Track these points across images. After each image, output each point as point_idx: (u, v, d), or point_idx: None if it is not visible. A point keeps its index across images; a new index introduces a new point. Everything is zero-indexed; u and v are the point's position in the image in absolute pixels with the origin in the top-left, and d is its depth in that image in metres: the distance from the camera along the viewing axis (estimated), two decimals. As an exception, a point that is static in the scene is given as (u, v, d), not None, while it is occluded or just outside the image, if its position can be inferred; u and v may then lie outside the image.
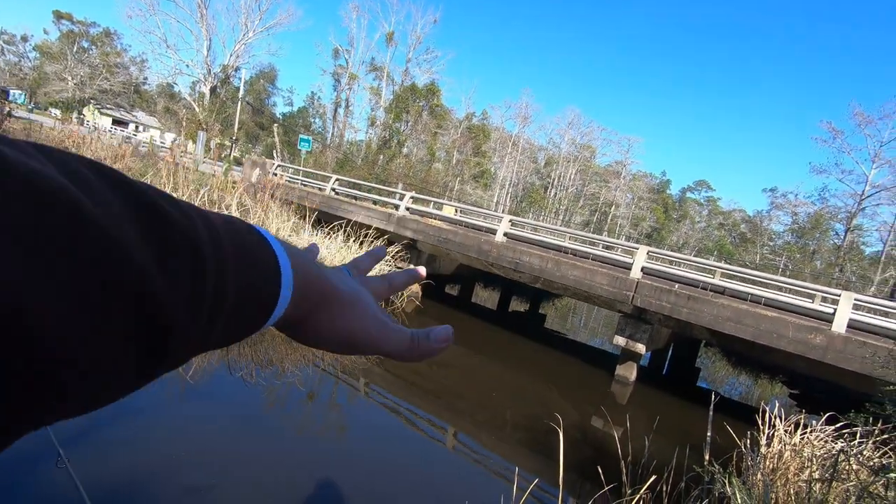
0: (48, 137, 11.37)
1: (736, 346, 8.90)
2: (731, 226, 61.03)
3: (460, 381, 7.90)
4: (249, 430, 4.73)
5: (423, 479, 4.69)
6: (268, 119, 51.95)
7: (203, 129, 29.72)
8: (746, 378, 15.39)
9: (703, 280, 9.03)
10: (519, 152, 51.44)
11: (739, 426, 4.98)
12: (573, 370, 10.78)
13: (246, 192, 12.06)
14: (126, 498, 3.27)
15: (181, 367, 3.34)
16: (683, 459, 4.10)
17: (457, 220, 12.62)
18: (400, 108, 37.28)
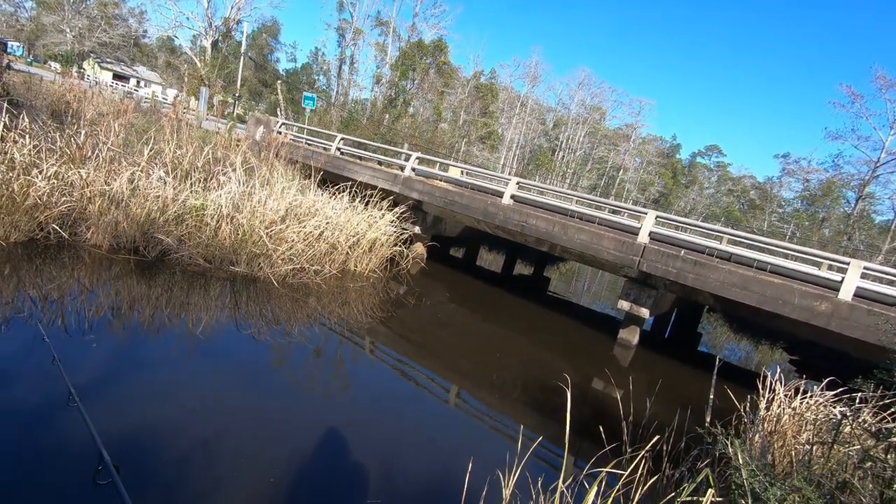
0: (49, 91, 11.17)
1: (740, 311, 8.93)
2: (740, 192, 60.26)
3: (464, 343, 8.01)
4: (257, 385, 4.83)
5: (426, 435, 4.81)
6: (271, 75, 50.83)
7: (205, 84, 29.14)
8: (747, 343, 15.53)
9: (709, 246, 8.95)
10: (527, 113, 50.33)
11: (739, 390, 5.05)
12: (576, 333, 10.89)
13: (250, 151, 11.91)
14: (137, 445, 3.37)
15: (191, 323, 3.40)
16: (684, 421, 4.18)
17: (463, 181, 12.47)
18: (406, 65, 36.29)
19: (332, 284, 8.68)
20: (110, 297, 5.94)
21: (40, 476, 2.96)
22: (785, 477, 2.81)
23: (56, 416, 3.43)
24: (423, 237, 12.89)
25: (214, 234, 7.71)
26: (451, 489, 3.62)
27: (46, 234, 6.70)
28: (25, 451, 3.10)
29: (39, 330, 4.46)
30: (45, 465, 3.05)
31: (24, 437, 3.22)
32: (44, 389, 3.71)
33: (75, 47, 43.04)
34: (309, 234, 8.62)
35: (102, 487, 2.44)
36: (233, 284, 7.38)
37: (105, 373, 4.23)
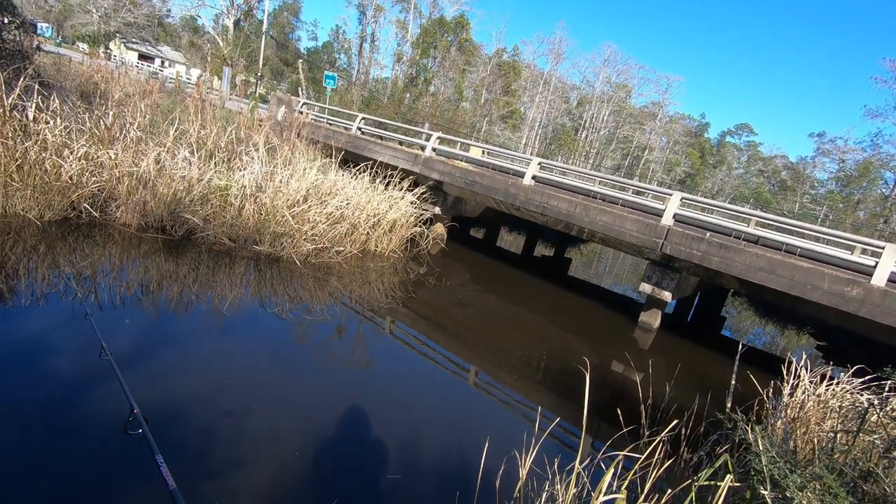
0: (77, 72, 11.40)
1: (766, 296, 8.74)
2: (770, 172, 58.35)
3: (483, 323, 8.05)
4: (281, 360, 4.96)
5: (444, 413, 4.89)
6: (292, 55, 50.79)
7: (228, 64, 29.30)
8: (772, 328, 15.23)
9: (736, 228, 8.73)
10: (550, 91, 49.31)
11: (762, 375, 4.98)
12: (596, 316, 10.83)
13: (272, 131, 11.99)
14: (165, 412, 3.51)
15: (217, 301, 3.48)
16: (704, 405, 4.15)
17: (484, 161, 12.36)
18: (427, 42, 35.78)
19: (352, 264, 8.79)
20: (140, 274, 6.12)
21: (76, 426, 3.22)
22: (806, 464, 2.78)
23: (91, 375, 3.62)
24: (444, 218, 12.89)
25: (238, 213, 7.84)
26: (469, 467, 3.69)
27: (78, 213, 6.92)
28: (63, 406, 3.29)
29: (74, 304, 4.64)
30: (81, 417, 3.31)
31: (63, 394, 3.41)
32: (80, 352, 3.89)
33: (101, 28, 43.63)
34: (330, 215, 8.70)
35: (133, 437, 2.58)
36: (257, 263, 7.53)
37: (136, 347, 4.39)
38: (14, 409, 3.26)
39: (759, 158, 61.29)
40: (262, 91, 28.50)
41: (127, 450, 3.04)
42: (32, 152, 6.58)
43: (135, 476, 2.91)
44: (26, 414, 3.25)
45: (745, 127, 63.92)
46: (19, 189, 6.45)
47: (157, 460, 2.23)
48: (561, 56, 49.54)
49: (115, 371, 3.17)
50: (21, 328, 4.23)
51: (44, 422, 3.21)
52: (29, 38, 9.57)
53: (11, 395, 3.39)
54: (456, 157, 12.47)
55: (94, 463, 2.98)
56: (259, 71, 33.36)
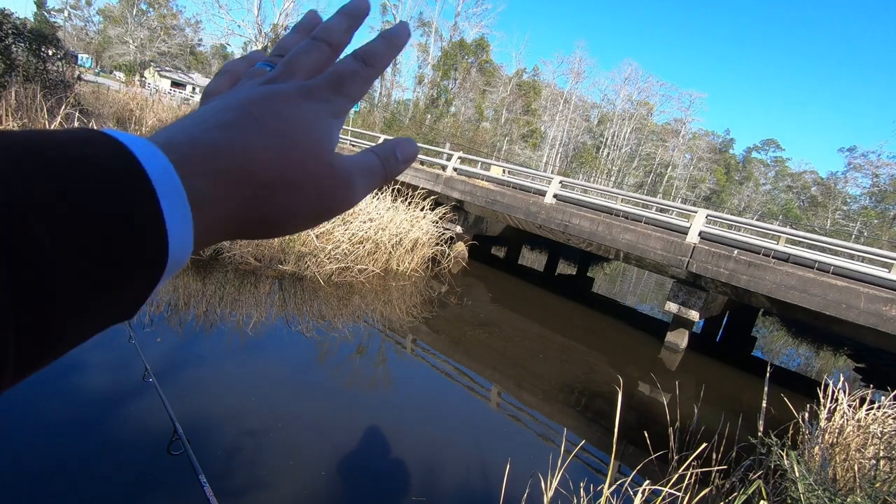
0: (115, 100, 11.94)
1: (799, 315, 8.45)
2: (800, 188, 56.96)
3: (506, 343, 7.97)
4: (306, 379, 5.00)
5: (466, 434, 4.83)
6: (317, 79, 52.11)
7: (255, 89, 30.24)
8: (807, 349, 14.68)
9: (765, 246, 8.52)
10: (571, 110, 49.44)
11: (797, 398, 4.79)
12: (621, 335, 10.62)
13: (297, 153, 12.29)
14: (195, 433, 3.56)
15: (241, 320, 3.56)
16: (735, 429, 4.01)
17: (505, 180, 12.41)
18: (448, 64, 36.42)
19: (375, 283, 8.85)
20: (168, 293, 6.28)
21: (124, 445, 3.33)
22: (847, 493, 2.64)
23: (133, 394, 3.71)
24: (465, 236, 12.92)
25: (264, 233, 8.01)
26: (492, 489, 3.62)
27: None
28: (110, 426, 3.39)
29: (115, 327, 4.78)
30: (127, 436, 3.42)
31: (110, 415, 3.51)
32: (121, 370, 3.99)
33: (137, 57, 45.71)
34: (354, 235, 8.82)
35: (175, 457, 2.64)
36: (281, 282, 7.65)
37: (166, 366, 4.49)
38: (63, 427, 3.36)
39: (788, 174, 59.96)
40: (288, 114, 29.22)
41: (171, 469, 3.10)
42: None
43: (180, 494, 2.97)
44: (77, 430, 3.35)
45: (771, 142, 62.77)
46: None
47: (200, 480, 2.26)
48: (581, 75, 49.80)
49: (158, 391, 3.25)
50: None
51: (93, 439, 3.29)
52: (70, 68, 10.09)
53: (60, 413, 3.50)
54: (477, 177, 12.55)
55: (142, 481, 3.07)
56: (285, 95, 34.28)
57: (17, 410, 3.43)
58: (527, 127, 43.40)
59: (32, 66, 8.61)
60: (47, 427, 3.34)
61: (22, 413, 3.41)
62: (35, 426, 3.33)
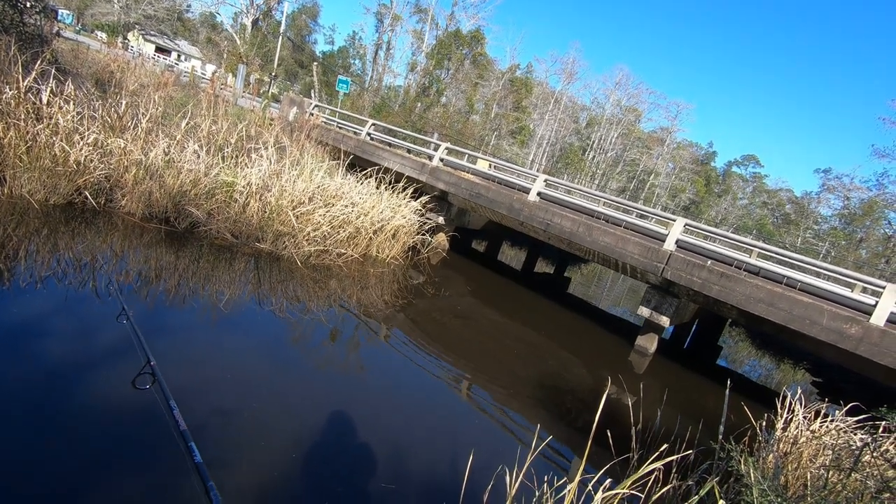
0: (94, 60, 11.49)
1: (764, 328, 8.71)
2: (775, 205, 58.49)
3: (480, 336, 8.02)
4: (275, 360, 4.94)
5: (435, 424, 4.86)
6: (307, 57, 51.26)
7: (243, 62, 29.56)
8: (769, 361, 15.15)
9: (738, 258, 8.73)
10: (560, 110, 49.63)
11: (756, 407, 4.95)
12: (593, 336, 10.79)
13: (283, 130, 12.07)
14: (156, 413, 3.49)
15: (214, 296, 3.54)
16: (696, 433, 4.12)
17: (490, 175, 12.41)
18: (442, 54, 36.12)
19: (353, 268, 8.78)
20: (139, 263, 6.12)
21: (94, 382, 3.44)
22: (797, 500, 2.75)
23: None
24: (447, 228, 12.91)
25: (243, 210, 7.87)
26: (456, 479, 3.65)
27: (84, 198, 6.94)
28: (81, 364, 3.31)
29: (71, 290, 4.64)
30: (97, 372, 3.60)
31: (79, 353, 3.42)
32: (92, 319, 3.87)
33: (121, 18, 44.06)
34: (334, 218, 8.72)
35: (145, 391, 2.63)
36: (257, 261, 7.53)
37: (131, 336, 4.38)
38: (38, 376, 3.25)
39: (764, 191, 61.48)
40: (275, 91, 28.73)
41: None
42: (43, 135, 6.61)
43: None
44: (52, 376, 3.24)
45: (751, 158, 64.23)
46: (27, 171, 6.48)
47: (170, 405, 2.28)
48: (573, 76, 49.97)
49: (133, 326, 3.34)
50: (19, 307, 4.22)
51: (66, 381, 3.20)
52: (49, 23, 9.68)
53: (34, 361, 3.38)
54: (463, 169, 12.52)
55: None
56: (273, 71, 33.65)
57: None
58: (516, 123, 43.43)
59: (8, 16, 8.22)
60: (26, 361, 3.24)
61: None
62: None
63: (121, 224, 6.96)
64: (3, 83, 6.67)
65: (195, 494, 2.76)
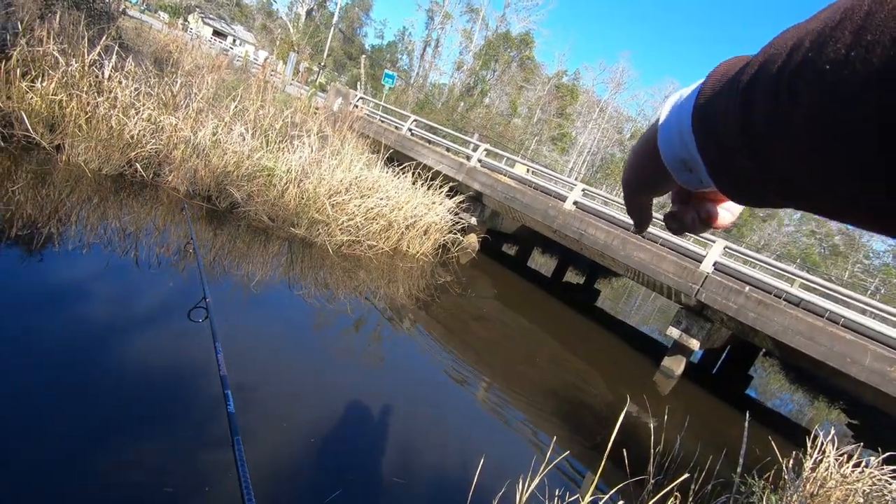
0: (155, 39, 11.96)
1: (801, 362, 8.34)
2: (823, 235, 55.93)
3: (503, 341, 7.97)
4: (299, 344, 5.04)
5: (449, 424, 4.85)
6: (357, 49, 51.98)
7: (295, 50, 30.23)
8: (802, 396, 14.51)
9: (778, 287, 8.38)
10: (605, 120, 48.78)
11: (784, 443, 4.74)
12: (618, 353, 10.57)
13: (326, 120, 12.28)
14: (183, 381, 3.61)
15: (247, 276, 3.63)
16: (717, 464, 3.98)
17: (527, 179, 12.30)
18: (489, 55, 36.04)
19: (382, 261, 8.86)
20: (179, 238, 6.34)
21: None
22: (820, 545, 2.61)
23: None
24: (478, 229, 12.88)
25: (281, 194, 8.04)
26: (465, 481, 3.64)
27: (133, 171, 7.23)
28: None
29: (113, 256, 4.85)
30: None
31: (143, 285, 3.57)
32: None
33: (183, 0, 45.72)
34: (369, 210, 8.82)
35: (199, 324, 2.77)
36: (291, 245, 7.69)
37: (166, 308, 4.54)
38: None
39: (813, 219, 58.81)
40: (323, 80, 29.27)
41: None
42: (102, 108, 6.93)
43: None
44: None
45: (802, 184, 61.56)
46: (84, 141, 6.80)
47: (216, 347, 2.39)
48: (621, 86, 48.98)
49: (197, 258, 3.56)
50: (72, 268, 4.44)
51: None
52: (116, 1, 10.11)
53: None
54: (500, 171, 12.46)
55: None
56: (323, 61, 34.28)
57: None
58: (558, 130, 42.94)
59: (80, -7, 8.63)
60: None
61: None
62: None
63: (165, 199, 7.22)
64: (70, 56, 7.02)
65: (221, 440, 2.86)
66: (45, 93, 6.65)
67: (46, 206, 5.49)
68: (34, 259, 4.45)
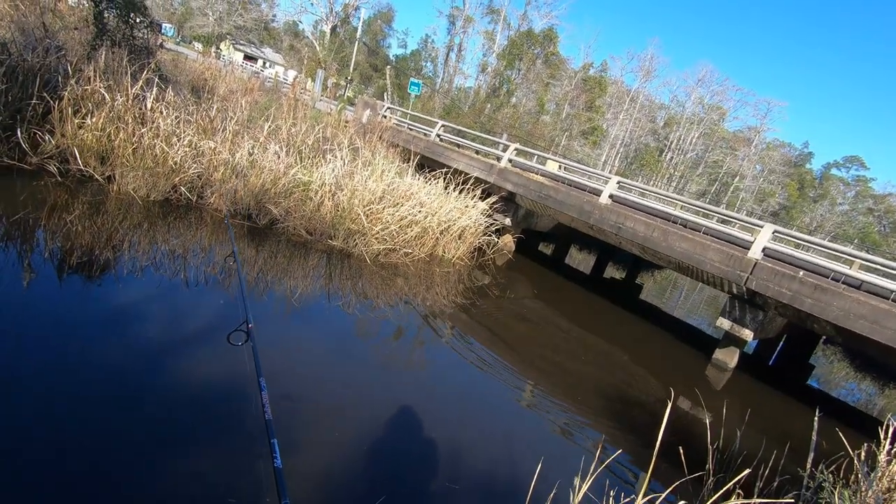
0: (192, 69, 12.52)
1: (866, 348, 7.85)
2: (882, 212, 52.62)
3: (545, 341, 7.86)
4: (341, 353, 5.12)
5: (496, 427, 4.81)
6: (381, 61, 52.79)
7: (322, 67, 30.98)
8: (870, 385, 13.64)
9: (835, 270, 7.91)
10: (636, 109, 47.63)
11: (854, 436, 4.46)
12: (666, 347, 10.24)
13: (356, 133, 12.51)
14: (218, 389, 3.73)
15: (289, 290, 3.73)
16: (780, 459, 3.79)
17: (560, 176, 12.13)
18: (513, 54, 35.86)
19: (419, 267, 8.92)
20: (225, 255, 6.58)
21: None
22: (902, 543, 2.44)
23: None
24: (513, 230, 12.78)
25: (317, 208, 8.23)
26: (516, 484, 3.60)
27: (178, 195, 7.57)
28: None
29: (163, 279, 5.07)
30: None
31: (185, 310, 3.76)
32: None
33: (215, 29, 47.72)
34: (403, 217, 8.90)
35: (239, 347, 2.88)
36: (329, 257, 7.85)
37: (216, 324, 4.72)
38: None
39: (870, 195, 55.49)
40: (350, 94, 29.84)
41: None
42: (146, 138, 7.30)
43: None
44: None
45: (854, 160, 58.21)
46: (132, 170, 7.17)
47: (257, 365, 2.46)
48: (651, 73, 47.79)
49: (240, 279, 3.64)
50: (127, 291, 4.68)
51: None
52: (154, 36, 10.65)
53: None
54: (531, 170, 12.35)
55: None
56: (349, 75, 34.97)
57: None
58: (588, 124, 42.20)
59: (121, 31, 9.14)
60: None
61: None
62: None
63: (209, 220, 7.52)
64: (116, 91, 7.43)
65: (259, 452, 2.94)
66: (94, 128, 7.07)
67: (102, 234, 5.82)
68: (94, 284, 4.71)
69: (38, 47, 7.30)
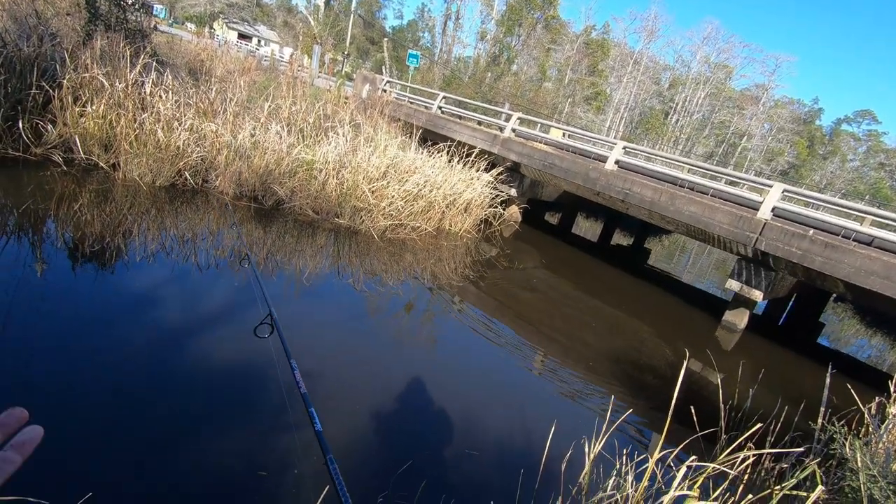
0: (187, 51, 12.34)
1: (878, 304, 7.84)
2: (895, 166, 51.64)
3: (555, 310, 7.92)
4: (355, 330, 5.20)
5: (509, 395, 4.91)
6: (378, 33, 51.72)
7: (318, 43, 30.40)
8: (881, 340, 13.67)
9: (846, 227, 7.84)
10: (640, 72, 46.50)
11: (865, 390, 4.50)
12: (676, 310, 10.28)
13: (357, 108, 12.36)
14: (244, 369, 3.82)
15: (298, 270, 3.77)
16: (792, 416, 3.84)
17: (564, 144, 11.98)
18: (513, 20, 34.97)
19: (426, 241, 8.94)
20: (232, 239, 6.63)
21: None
22: (913, 490, 2.49)
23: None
24: (519, 200, 12.72)
25: (322, 187, 8.22)
26: (532, 448, 3.69)
27: (184, 180, 7.58)
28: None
29: (175, 263, 5.13)
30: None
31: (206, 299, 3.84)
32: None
33: (207, 9, 46.79)
34: (408, 192, 8.88)
35: (264, 339, 2.97)
36: (336, 235, 7.88)
37: (230, 305, 4.79)
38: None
39: (882, 150, 54.37)
40: (348, 69, 29.36)
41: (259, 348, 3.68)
42: (148, 123, 7.27)
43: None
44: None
45: (866, 114, 56.85)
46: (136, 157, 7.17)
47: (286, 350, 2.53)
48: (655, 33, 46.43)
49: (255, 273, 3.69)
50: (140, 276, 4.76)
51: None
52: (147, 18, 10.46)
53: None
54: (535, 139, 12.20)
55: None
56: (346, 49, 34.33)
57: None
58: (591, 88, 41.40)
59: (114, 15, 8.99)
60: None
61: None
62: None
63: (215, 203, 7.54)
64: (114, 77, 7.37)
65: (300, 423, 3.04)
66: (95, 115, 7.04)
67: (111, 222, 5.86)
68: (107, 271, 4.78)
69: (33, 36, 7.21)
